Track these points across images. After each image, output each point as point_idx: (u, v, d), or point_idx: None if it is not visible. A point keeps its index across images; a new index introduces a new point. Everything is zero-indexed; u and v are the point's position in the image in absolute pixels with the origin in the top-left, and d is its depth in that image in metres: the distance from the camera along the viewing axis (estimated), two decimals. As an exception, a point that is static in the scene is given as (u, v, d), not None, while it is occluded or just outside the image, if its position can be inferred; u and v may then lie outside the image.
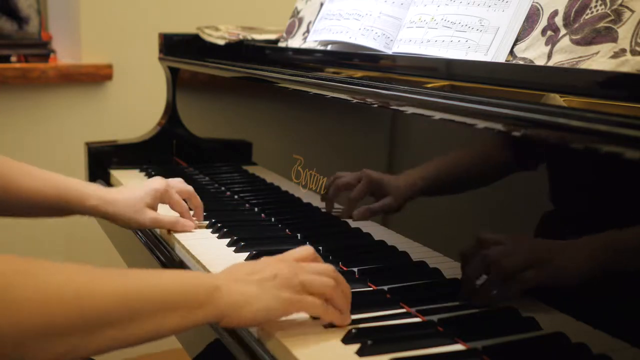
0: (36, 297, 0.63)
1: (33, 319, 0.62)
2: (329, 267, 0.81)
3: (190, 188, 1.21)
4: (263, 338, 0.80)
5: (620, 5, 0.85)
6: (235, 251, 1.07)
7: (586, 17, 0.88)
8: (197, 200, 1.21)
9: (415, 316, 0.83)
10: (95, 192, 1.11)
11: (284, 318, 0.79)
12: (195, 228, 1.17)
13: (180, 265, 1.08)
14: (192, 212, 1.21)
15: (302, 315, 0.83)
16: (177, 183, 1.20)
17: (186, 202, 1.21)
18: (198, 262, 1.03)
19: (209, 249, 1.08)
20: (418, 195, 0.95)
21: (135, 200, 1.12)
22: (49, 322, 0.63)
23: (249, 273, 0.77)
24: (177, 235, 1.14)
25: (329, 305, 0.78)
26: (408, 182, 0.96)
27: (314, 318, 0.82)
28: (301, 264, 0.80)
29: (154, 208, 1.15)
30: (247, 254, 1.04)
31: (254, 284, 0.75)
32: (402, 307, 0.85)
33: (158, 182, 1.16)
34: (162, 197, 1.16)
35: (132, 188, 1.15)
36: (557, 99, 0.80)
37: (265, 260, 0.81)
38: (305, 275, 0.78)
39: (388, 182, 1.00)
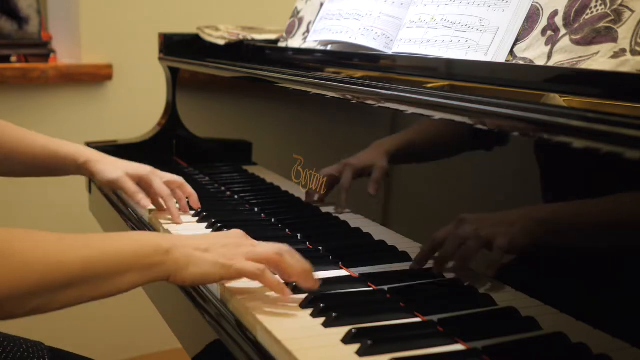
0: (8, 262, 0.71)
1: (6, 282, 0.71)
2: (275, 246, 0.89)
3: (179, 178, 1.27)
4: (263, 340, 0.80)
5: (620, 5, 0.85)
6: (235, 251, 1.07)
7: (586, 17, 0.88)
8: (188, 189, 1.26)
9: (415, 316, 0.83)
10: (86, 152, 1.26)
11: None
12: (176, 216, 1.21)
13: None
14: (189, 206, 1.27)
15: (303, 315, 0.83)
16: (165, 174, 1.26)
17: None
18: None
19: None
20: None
21: (117, 164, 1.24)
22: (20, 284, 0.72)
23: (200, 241, 0.87)
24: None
25: (265, 274, 0.85)
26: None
27: (315, 317, 0.82)
28: (249, 242, 0.90)
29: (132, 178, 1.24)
30: (247, 254, 1.04)
31: (199, 250, 0.85)
32: (403, 307, 0.85)
33: (143, 166, 1.25)
34: (141, 180, 1.23)
35: (120, 160, 1.27)
36: (557, 99, 0.80)
37: (218, 233, 0.93)
38: (247, 246, 0.87)
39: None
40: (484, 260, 0.83)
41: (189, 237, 0.88)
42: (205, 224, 1.20)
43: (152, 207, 1.24)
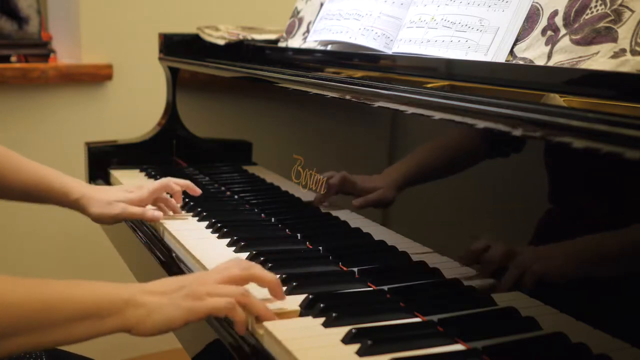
0: None
1: None
2: (236, 263, 0.86)
3: (162, 181, 1.26)
4: (263, 339, 0.80)
5: (620, 5, 0.85)
6: (236, 251, 1.07)
7: (586, 17, 0.88)
8: (180, 182, 1.28)
9: (415, 316, 0.83)
10: (79, 188, 1.20)
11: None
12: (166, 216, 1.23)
13: (180, 266, 1.08)
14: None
15: (302, 316, 0.83)
16: (152, 185, 1.25)
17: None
18: (198, 262, 1.03)
19: (208, 249, 1.08)
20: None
21: (108, 197, 1.20)
22: None
23: (159, 286, 0.82)
24: (177, 235, 1.14)
25: (235, 305, 0.80)
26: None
27: (315, 317, 0.82)
28: (210, 274, 0.84)
29: (132, 204, 1.21)
30: (247, 254, 1.04)
31: (158, 296, 0.80)
32: (403, 307, 0.85)
33: (138, 191, 1.23)
34: (134, 198, 1.22)
35: (113, 189, 1.24)
36: (557, 99, 0.80)
37: (177, 277, 0.86)
38: (210, 286, 0.81)
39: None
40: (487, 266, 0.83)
41: (149, 284, 0.83)
42: (205, 224, 1.20)
43: (164, 217, 1.23)
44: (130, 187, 1.25)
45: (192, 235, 1.15)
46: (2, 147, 1.19)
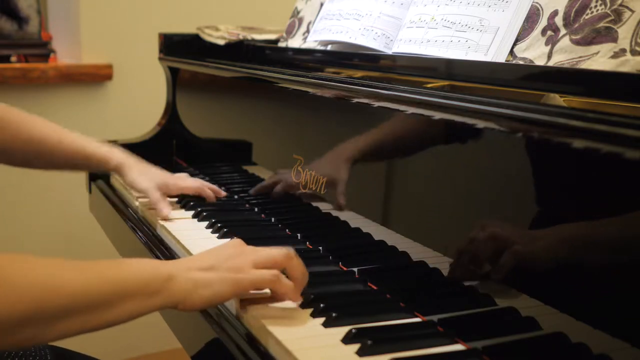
0: (3, 290, 0.66)
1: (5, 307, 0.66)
2: (281, 249, 0.86)
3: (197, 184, 1.34)
4: (263, 339, 0.80)
5: (620, 5, 0.85)
6: (235, 251, 1.07)
7: (586, 17, 0.88)
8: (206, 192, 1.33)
9: (415, 316, 0.83)
10: (119, 155, 1.31)
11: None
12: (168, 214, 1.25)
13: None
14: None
15: (303, 315, 0.83)
16: (187, 182, 1.34)
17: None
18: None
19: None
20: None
21: (144, 171, 1.31)
22: (11, 311, 0.66)
23: (201, 260, 0.83)
24: (177, 235, 1.14)
25: (281, 278, 0.82)
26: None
27: (315, 317, 0.82)
28: (253, 250, 0.85)
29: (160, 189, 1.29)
30: (247, 254, 1.04)
31: (204, 271, 0.80)
32: (403, 307, 0.85)
33: (169, 177, 1.33)
34: (165, 187, 1.31)
35: (150, 168, 1.33)
36: (557, 99, 0.80)
37: (219, 246, 0.87)
38: (251, 254, 0.83)
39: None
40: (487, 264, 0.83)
41: (189, 259, 0.85)
42: (205, 224, 1.20)
43: (171, 215, 1.25)
44: (171, 175, 1.34)
45: (192, 235, 1.15)
46: (43, 120, 1.30)
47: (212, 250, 0.86)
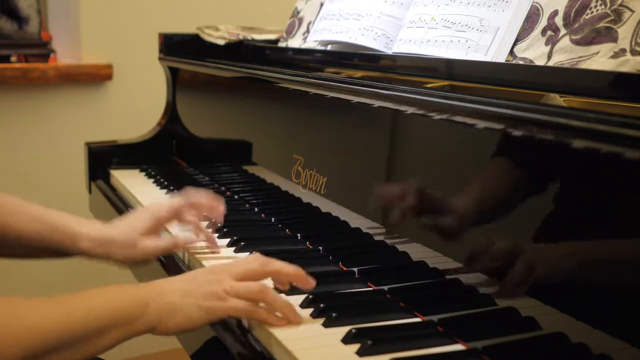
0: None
1: None
2: (259, 269, 0.85)
3: (206, 201, 1.12)
4: (263, 339, 0.80)
5: (620, 5, 0.85)
6: (236, 251, 1.07)
7: (586, 17, 0.88)
8: (217, 209, 1.12)
9: (415, 316, 0.83)
10: (89, 233, 1.03)
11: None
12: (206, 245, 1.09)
13: (180, 266, 1.08)
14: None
15: (303, 315, 0.83)
16: (193, 198, 1.11)
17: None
18: (198, 261, 1.03)
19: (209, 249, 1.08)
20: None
21: (127, 234, 1.04)
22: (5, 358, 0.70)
23: (180, 283, 0.83)
24: (177, 235, 1.14)
25: (256, 307, 0.81)
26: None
27: (315, 317, 0.82)
28: (228, 268, 0.84)
29: (156, 232, 1.07)
30: (247, 254, 1.04)
31: (178, 296, 0.81)
32: (403, 307, 0.85)
33: (161, 208, 1.08)
34: (166, 221, 1.08)
35: (129, 220, 1.06)
36: (557, 99, 0.80)
37: (198, 271, 0.87)
38: (228, 283, 0.82)
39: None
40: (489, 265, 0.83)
41: (167, 281, 0.84)
42: (205, 224, 1.20)
43: (195, 241, 1.08)
44: (147, 212, 1.07)
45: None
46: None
47: (190, 274, 0.86)
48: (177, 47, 1.78)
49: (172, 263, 1.09)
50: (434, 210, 0.91)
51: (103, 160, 1.71)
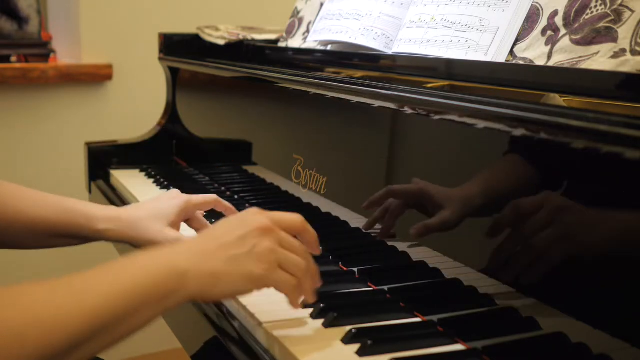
0: (14, 323, 0.59)
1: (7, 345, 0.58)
2: (302, 247, 0.80)
3: (212, 197, 1.10)
4: (262, 338, 0.80)
5: (620, 5, 0.85)
6: (235, 251, 1.07)
7: (586, 17, 0.88)
8: (223, 204, 1.11)
9: (415, 316, 0.83)
10: (106, 213, 1.01)
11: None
12: None
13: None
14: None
15: (302, 315, 0.83)
16: (197, 198, 1.09)
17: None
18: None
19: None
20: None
21: (153, 219, 1.01)
22: (23, 348, 0.59)
23: (220, 245, 0.73)
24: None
25: (297, 289, 0.77)
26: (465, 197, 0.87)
27: (315, 317, 0.82)
28: (279, 236, 0.77)
29: (177, 226, 1.05)
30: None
31: (223, 260, 0.72)
32: (402, 307, 0.85)
33: (180, 199, 1.06)
34: (186, 214, 1.06)
35: (152, 205, 1.04)
36: (557, 99, 0.80)
37: (240, 223, 0.77)
38: (281, 254, 0.76)
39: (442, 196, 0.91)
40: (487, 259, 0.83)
41: (206, 240, 0.74)
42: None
43: None
44: (171, 201, 1.05)
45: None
46: (5, 182, 1.04)
47: (233, 226, 0.76)
48: (177, 47, 1.78)
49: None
50: (434, 210, 0.91)
51: (103, 160, 1.71)
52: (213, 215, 1.19)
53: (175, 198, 1.06)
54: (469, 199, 0.85)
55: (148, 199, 1.09)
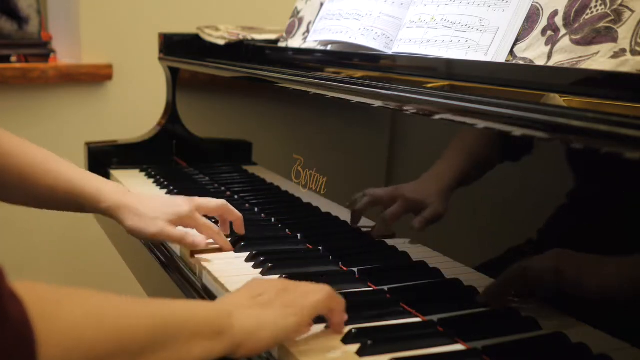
0: (55, 327, 0.58)
1: (50, 350, 0.57)
2: (325, 288, 0.79)
3: (222, 203, 1.10)
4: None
5: (620, 5, 0.85)
6: (236, 251, 1.07)
7: (586, 17, 0.88)
8: (234, 212, 1.11)
9: (415, 316, 0.83)
10: (112, 195, 1.04)
11: None
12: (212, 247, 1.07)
13: (180, 266, 1.08)
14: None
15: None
16: (206, 203, 1.09)
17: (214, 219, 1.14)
18: (198, 261, 1.03)
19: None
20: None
21: (147, 210, 1.03)
22: (66, 353, 0.58)
23: (252, 297, 0.75)
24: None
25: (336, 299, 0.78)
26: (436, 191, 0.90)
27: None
28: (298, 286, 0.79)
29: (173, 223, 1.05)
30: (247, 254, 1.04)
31: (261, 307, 0.74)
32: (402, 307, 0.85)
33: (181, 204, 1.06)
34: (186, 222, 1.06)
35: (154, 202, 1.06)
36: (557, 99, 0.80)
37: (260, 282, 0.79)
38: (309, 299, 0.76)
39: (420, 194, 0.93)
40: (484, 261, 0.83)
41: (239, 294, 0.76)
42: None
43: (209, 243, 1.06)
44: (177, 199, 1.08)
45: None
46: (30, 145, 1.11)
47: (257, 286, 0.78)
48: (177, 47, 1.78)
49: (170, 260, 1.09)
50: (420, 205, 0.91)
51: (103, 160, 1.71)
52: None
53: (179, 205, 1.06)
54: (441, 178, 0.86)
55: (159, 195, 1.12)
